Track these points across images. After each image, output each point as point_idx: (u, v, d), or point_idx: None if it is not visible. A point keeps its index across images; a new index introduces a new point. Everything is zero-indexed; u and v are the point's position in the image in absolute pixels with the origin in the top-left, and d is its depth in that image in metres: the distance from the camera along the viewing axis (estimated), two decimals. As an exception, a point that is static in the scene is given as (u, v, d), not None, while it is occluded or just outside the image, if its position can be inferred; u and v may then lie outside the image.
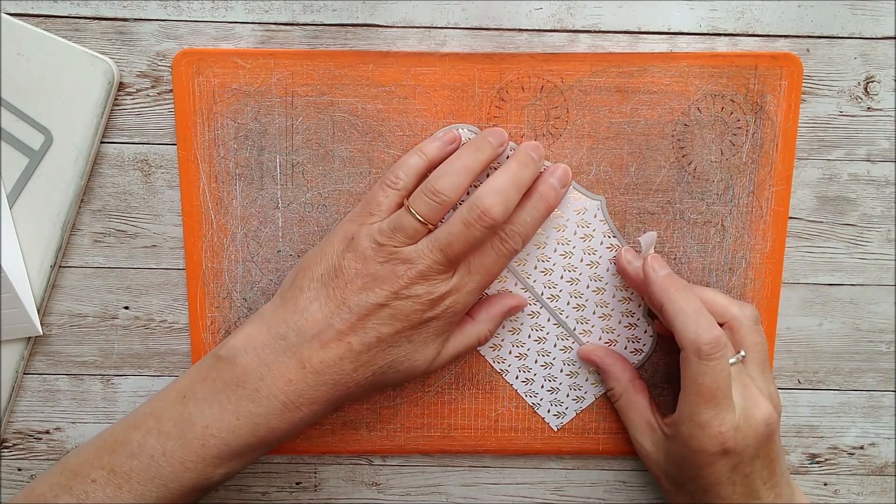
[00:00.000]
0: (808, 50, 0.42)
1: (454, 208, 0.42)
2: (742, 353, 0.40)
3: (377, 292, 0.37)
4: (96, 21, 0.41)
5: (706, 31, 0.42)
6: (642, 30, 0.42)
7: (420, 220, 0.37)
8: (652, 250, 0.41)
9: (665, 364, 0.45)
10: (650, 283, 0.40)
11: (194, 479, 0.37)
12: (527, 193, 0.40)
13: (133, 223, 0.43)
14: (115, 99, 0.41)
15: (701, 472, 0.39)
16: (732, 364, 0.39)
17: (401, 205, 0.38)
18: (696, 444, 0.39)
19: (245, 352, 0.38)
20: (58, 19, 0.41)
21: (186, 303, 0.44)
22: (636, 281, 0.41)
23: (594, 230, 0.43)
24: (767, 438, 0.39)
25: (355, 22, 0.41)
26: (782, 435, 0.47)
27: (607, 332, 0.44)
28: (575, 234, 0.43)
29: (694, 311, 0.38)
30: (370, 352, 0.38)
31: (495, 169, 0.41)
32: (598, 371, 0.44)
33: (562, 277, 0.43)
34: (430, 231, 0.38)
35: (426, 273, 0.37)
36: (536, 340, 0.44)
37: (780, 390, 0.46)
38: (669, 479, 0.42)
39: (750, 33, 0.42)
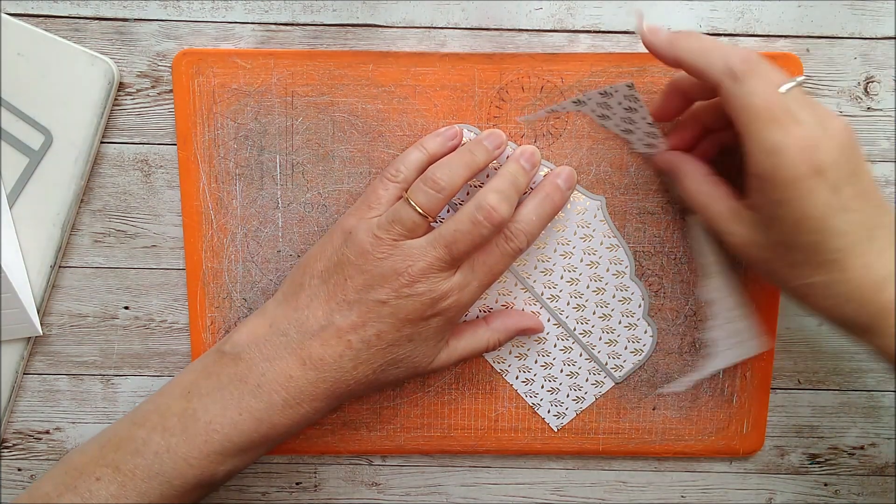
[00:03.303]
0: (808, 50, 0.42)
1: (453, 208, 0.42)
2: (800, 77, 0.34)
3: (378, 290, 0.37)
4: (96, 21, 0.41)
5: (706, 31, 0.42)
6: (642, 30, 0.42)
7: (419, 212, 0.37)
8: (644, 25, 0.37)
9: (665, 364, 0.45)
10: (658, 48, 0.36)
11: (198, 476, 0.37)
12: (532, 193, 0.40)
13: (133, 223, 0.43)
14: (115, 99, 0.41)
15: (806, 216, 0.33)
16: (789, 88, 0.33)
17: (400, 198, 0.38)
18: (784, 173, 0.32)
19: (248, 347, 0.38)
20: (58, 19, 0.41)
21: (186, 303, 0.44)
22: (664, 55, 0.37)
23: (594, 230, 0.43)
24: (855, 150, 0.33)
25: (355, 22, 0.41)
26: (780, 434, 0.47)
27: (607, 332, 0.44)
28: (575, 234, 0.43)
29: (714, 43, 0.34)
30: (370, 349, 0.38)
31: (496, 170, 0.41)
32: (672, 176, 0.40)
33: (562, 277, 0.43)
34: (428, 224, 0.38)
35: (428, 271, 0.37)
36: (536, 340, 0.44)
37: (780, 390, 0.46)
38: (775, 263, 0.35)
39: (750, 33, 0.42)
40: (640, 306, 0.44)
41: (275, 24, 0.41)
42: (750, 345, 0.43)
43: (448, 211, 0.42)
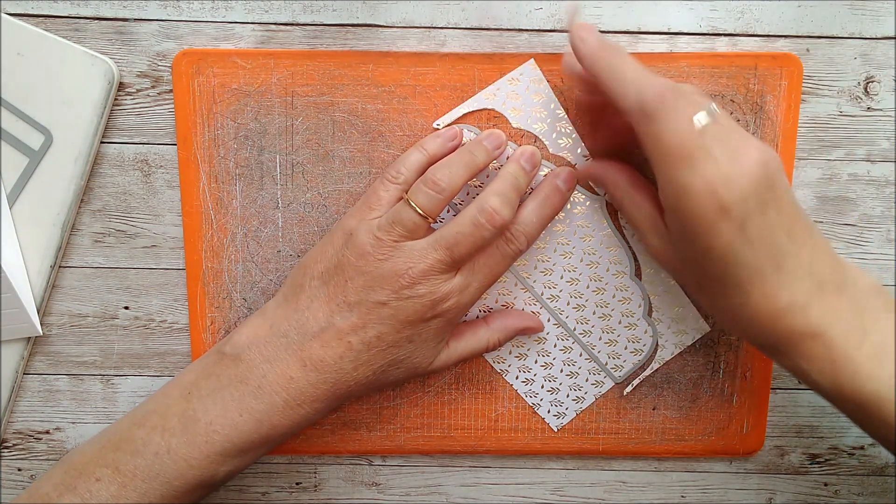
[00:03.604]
0: (808, 50, 0.42)
1: (453, 209, 0.42)
2: (713, 106, 0.33)
3: (378, 291, 0.37)
4: (96, 21, 0.41)
5: (706, 31, 0.42)
6: (642, 30, 0.42)
7: (419, 213, 0.37)
8: (575, 24, 0.36)
9: (665, 364, 0.45)
10: (580, 57, 0.35)
11: (198, 477, 0.37)
12: (532, 195, 0.40)
13: (133, 223, 0.43)
14: (115, 99, 0.41)
15: (711, 249, 0.33)
16: (705, 123, 0.33)
17: (401, 199, 0.38)
18: (690, 215, 0.33)
19: (248, 348, 0.38)
20: (58, 19, 0.41)
21: (186, 303, 0.44)
22: (581, 79, 0.37)
23: (594, 230, 0.43)
24: (769, 183, 0.33)
25: (355, 22, 0.41)
26: (780, 434, 0.47)
27: (607, 332, 0.44)
28: (575, 234, 0.43)
29: (633, 70, 0.34)
30: (370, 351, 0.38)
31: (495, 170, 0.41)
32: (597, 184, 0.41)
33: (562, 277, 0.43)
34: (429, 225, 0.38)
35: (428, 272, 0.37)
36: (536, 340, 0.44)
37: (780, 390, 0.46)
38: (688, 279, 0.37)
39: (750, 33, 0.42)
40: (640, 306, 0.44)
41: (275, 24, 0.41)
42: (694, 329, 0.44)
43: (448, 211, 0.42)
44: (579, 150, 0.42)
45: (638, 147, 0.35)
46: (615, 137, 0.40)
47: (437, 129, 0.41)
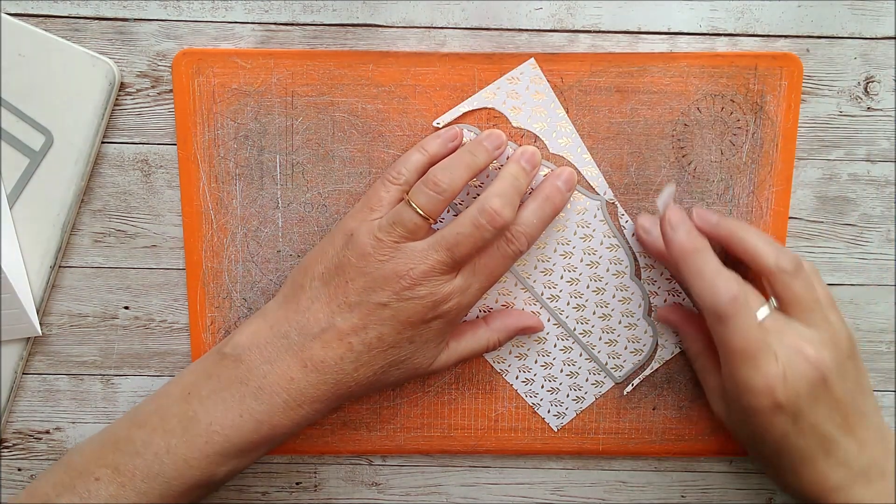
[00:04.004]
0: (808, 50, 0.42)
1: (453, 208, 0.42)
2: (772, 302, 0.38)
3: (379, 292, 0.37)
4: (96, 21, 0.41)
5: (706, 31, 0.42)
6: (642, 30, 0.42)
7: (420, 214, 0.37)
8: (671, 205, 0.39)
9: (665, 364, 0.45)
10: (667, 246, 0.38)
11: (198, 477, 0.37)
12: (533, 195, 0.40)
13: (133, 223, 0.43)
14: (115, 99, 0.41)
15: (766, 435, 0.38)
16: (765, 316, 0.38)
17: (402, 200, 0.38)
18: (748, 406, 0.37)
19: (249, 349, 0.38)
20: (58, 19, 0.41)
21: (186, 303, 0.44)
22: (657, 251, 0.41)
23: (594, 230, 0.43)
24: (821, 382, 0.37)
25: (355, 22, 0.41)
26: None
27: (607, 332, 0.44)
28: (575, 234, 0.43)
29: (711, 272, 0.37)
30: (371, 352, 0.38)
31: (495, 169, 0.41)
32: (676, 331, 0.44)
33: (562, 277, 0.43)
34: (430, 226, 0.38)
35: (429, 273, 0.37)
36: (536, 340, 0.44)
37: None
38: (747, 446, 0.41)
39: (750, 33, 0.42)
40: (640, 306, 0.44)
41: (275, 24, 0.41)
42: None
43: (448, 211, 0.42)
44: (579, 150, 0.42)
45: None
46: None
47: (438, 128, 0.41)
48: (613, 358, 0.44)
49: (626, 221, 0.43)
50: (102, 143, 0.42)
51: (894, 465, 0.38)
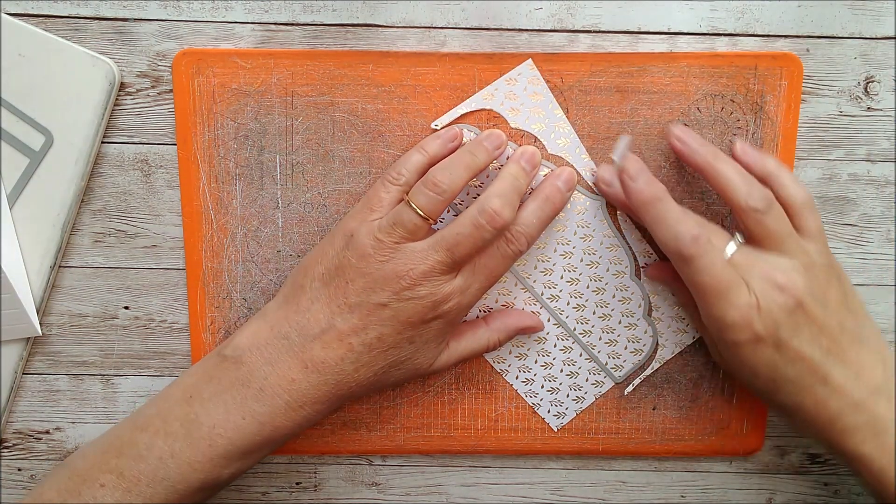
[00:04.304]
0: (808, 50, 0.42)
1: (453, 208, 0.42)
2: (737, 237, 0.38)
3: (379, 293, 0.37)
4: (96, 21, 0.41)
5: (706, 31, 0.42)
6: (642, 30, 0.42)
7: (420, 214, 0.37)
8: (627, 155, 0.39)
9: (665, 364, 0.45)
10: (628, 196, 0.38)
11: (202, 480, 0.37)
12: (533, 195, 0.40)
13: (133, 223, 0.43)
14: (115, 99, 0.41)
15: (757, 369, 0.38)
16: (733, 252, 0.37)
17: (402, 201, 0.38)
18: (731, 342, 0.37)
19: (249, 351, 0.38)
20: (58, 19, 0.41)
21: (186, 303, 0.44)
22: (620, 202, 0.41)
23: (594, 230, 0.43)
24: (798, 308, 0.37)
25: (355, 22, 0.41)
26: (780, 434, 0.47)
27: (607, 332, 0.44)
28: (575, 234, 0.43)
29: (672, 218, 0.37)
30: (371, 352, 0.38)
31: (496, 170, 0.41)
32: (669, 287, 0.44)
33: (562, 277, 0.43)
34: (429, 227, 0.38)
35: (429, 274, 0.37)
36: (536, 340, 0.44)
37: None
38: (751, 388, 0.40)
39: (750, 33, 0.42)
40: (640, 306, 0.44)
41: (275, 24, 0.41)
42: (694, 328, 0.44)
43: (448, 211, 0.42)
44: (577, 150, 0.42)
45: None
46: None
47: (436, 129, 0.41)
48: (613, 358, 0.44)
49: (625, 221, 0.43)
50: (102, 143, 0.42)
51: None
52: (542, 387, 0.45)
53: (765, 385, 0.38)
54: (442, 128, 0.41)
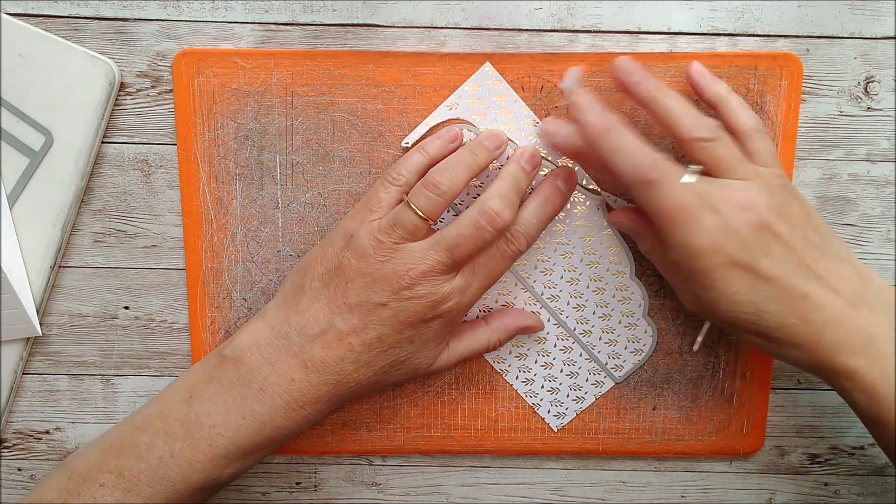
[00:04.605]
0: (808, 50, 0.42)
1: (453, 208, 0.42)
2: (692, 168, 0.37)
3: (378, 293, 0.37)
4: (96, 21, 0.41)
5: (706, 31, 0.42)
6: (642, 30, 0.42)
7: (420, 215, 0.37)
8: (577, 90, 0.38)
9: (665, 364, 0.45)
10: (582, 129, 0.37)
11: (202, 480, 0.37)
12: (533, 195, 0.40)
13: (133, 223, 0.43)
14: (115, 99, 0.41)
15: (735, 296, 0.36)
16: (691, 181, 0.36)
17: (401, 201, 0.38)
18: (703, 269, 0.36)
19: (249, 351, 0.38)
20: (58, 19, 0.41)
21: (186, 303, 0.44)
22: (572, 150, 0.40)
23: (594, 230, 0.43)
24: (763, 226, 0.35)
25: (355, 22, 0.41)
26: (780, 434, 0.47)
27: (607, 332, 0.44)
28: (575, 234, 0.43)
29: (629, 146, 0.36)
30: (371, 352, 0.38)
31: (496, 170, 0.41)
32: (627, 232, 0.42)
33: (562, 277, 0.43)
34: (429, 227, 0.38)
35: (429, 273, 0.37)
36: (536, 340, 0.44)
37: (780, 390, 0.46)
38: (733, 330, 0.39)
39: (750, 33, 0.42)
40: (640, 306, 0.44)
41: (275, 24, 0.41)
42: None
43: (448, 211, 0.42)
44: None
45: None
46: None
47: (406, 147, 0.41)
48: (613, 358, 0.44)
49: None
50: (102, 143, 0.42)
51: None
52: (542, 387, 0.45)
53: (746, 313, 0.36)
54: (412, 145, 0.41)
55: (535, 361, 0.44)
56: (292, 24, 0.41)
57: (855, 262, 0.37)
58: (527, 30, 0.41)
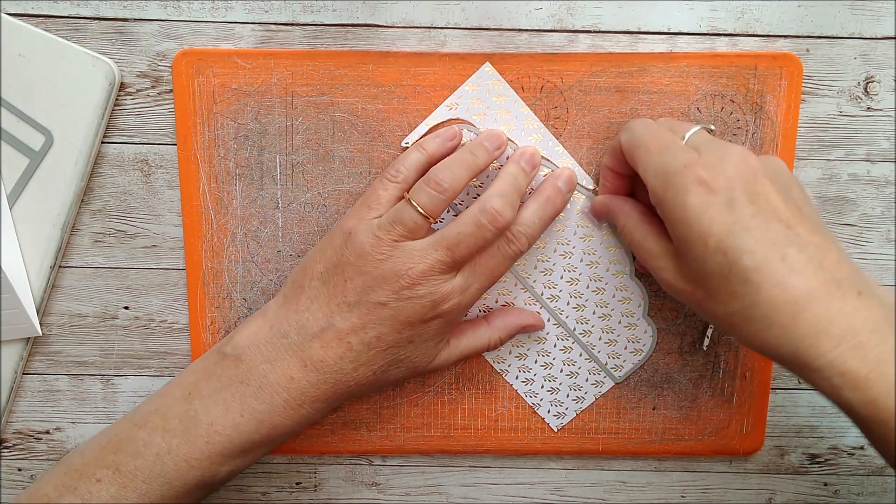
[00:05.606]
0: (808, 50, 0.42)
1: (452, 208, 0.42)
2: (702, 127, 0.37)
3: (378, 292, 0.37)
4: (96, 21, 0.41)
5: (706, 31, 0.42)
6: (642, 30, 0.42)
7: (421, 213, 0.37)
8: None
9: (665, 364, 0.45)
10: (623, 149, 0.38)
11: (199, 477, 0.37)
12: (534, 196, 0.40)
13: (133, 223, 0.43)
14: (115, 99, 0.41)
15: (708, 228, 0.33)
16: (693, 134, 0.36)
17: (401, 199, 0.38)
18: (673, 191, 0.34)
19: (249, 349, 0.38)
20: (58, 19, 0.41)
21: (186, 303, 0.44)
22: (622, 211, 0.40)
23: (594, 230, 0.43)
24: (751, 176, 0.33)
25: (355, 22, 0.41)
26: (780, 434, 0.47)
27: (607, 332, 0.44)
28: (575, 234, 0.43)
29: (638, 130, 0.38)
30: (370, 351, 0.38)
31: (496, 170, 0.41)
32: (606, 218, 0.42)
33: (562, 277, 0.43)
34: (429, 226, 0.38)
35: (429, 273, 0.37)
36: (536, 340, 0.44)
37: (780, 390, 0.46)
38: (698, 295, 0.35)
39: (750, 33, 0.42)
40: (640, 306, 0.44)
41: (275, 24, 0.41)
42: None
43: (448, 211, 0.42)
44: (550, 143, 0.42)
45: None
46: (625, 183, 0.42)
47: (406, 146, 0.41)
48: (613, 358, 0.44)
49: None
50: (102, 143, 0.42)
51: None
52: (542, 387, 0.45)
53: (719, 269, 0.33)
54: (411, 144, 0.41)
55: (535, 361, 0.44)
56: (292, 24, 0.41)
57: (842, 249, 0.34)
58: (527, 30, 0.41)
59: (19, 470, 0.46)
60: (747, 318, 0.33)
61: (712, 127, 0.38)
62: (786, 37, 0.42)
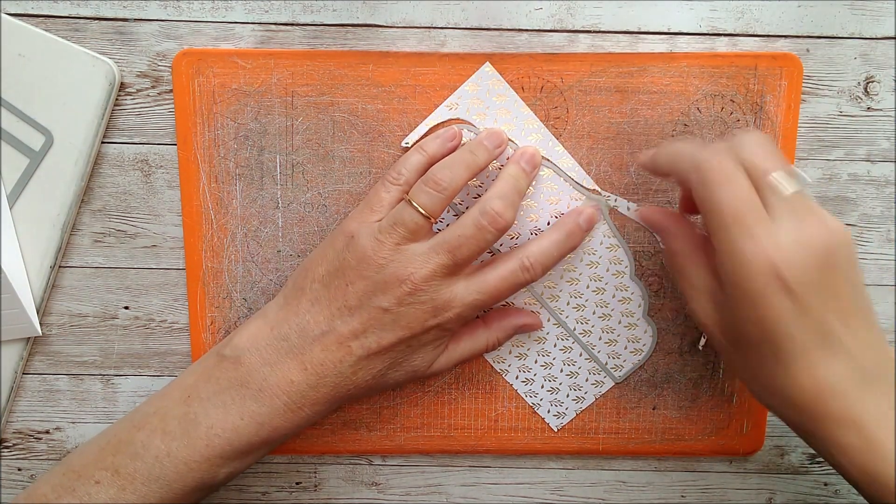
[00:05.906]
0: (808, 50, 0.42)
1: (453, 209, 0.42)
2: (797, 177, 0.34)
3: (380, 297, 0.37)
4: (96, 21, 0.41)
5: (706, 31, 0.42)
6: (642, 30, 0.42)
7: (421, 213, 0.37)
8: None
9: (665, 364, 0.45)
10: (644, 166, 0.38)
11: (198, 479, 0.37)
12: (555, 227, 0.40)
13: (133, 223, 0.43)
14: (115, 99, 0.41)
15: (763, 318, 0.32)
16: (782, 183, 0.33)
17: (402, 200, 0.38)
18: (744, 274, 0.32)
19: (249, 351, 0.38)
20: (58, 19, 0.41)
21: (186, 303, 0.44)
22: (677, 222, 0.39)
23: (594, 230, 0.43)
24: (832, 267, 0.32)
25: (355, 22, 0.41)
26: (780, 434, 0.47)
27: (607, 332, 0.44)
28: (575, 234, 0.43)
29: (688, 145, 0.36)
30: (370, 356, 0.38)
31: (496, 169, 0.41)
32: (656, 231, 0.41)
33: (562, 277, 0.43)
34: (431, 226, 0.38)
35: (431, 277, 0.37)
36: (536, 340, 0.44)
37: (780, 390, 0.46)
38: (730, 347, 0.35)
39: (750, 33, 0.42)
40: (640, 306, 0.44)
41: (275, 24, 0.41)
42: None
43: (449, 212, 0.42)
44: (550, 143, 0.42)
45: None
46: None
47: (406, 147, 0.41)
48: (613, 358, 0.44)
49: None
50: (102, 143, 0.42)
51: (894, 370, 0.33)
52: (542, 387, 0.45)
53: (760, 339, 0.33)
54: (412, 145, 0.41)
55: (535, 361, 0.44)
56: (292, 24, 0.41)
57: (880, 335, 0.34)
58: (527, 30, 0.41)
59: (19, 470, 0.46)
60: (772, 389, 0.34)
61: (803, 176, 0.34)
62: (786, 37, 0.42)
